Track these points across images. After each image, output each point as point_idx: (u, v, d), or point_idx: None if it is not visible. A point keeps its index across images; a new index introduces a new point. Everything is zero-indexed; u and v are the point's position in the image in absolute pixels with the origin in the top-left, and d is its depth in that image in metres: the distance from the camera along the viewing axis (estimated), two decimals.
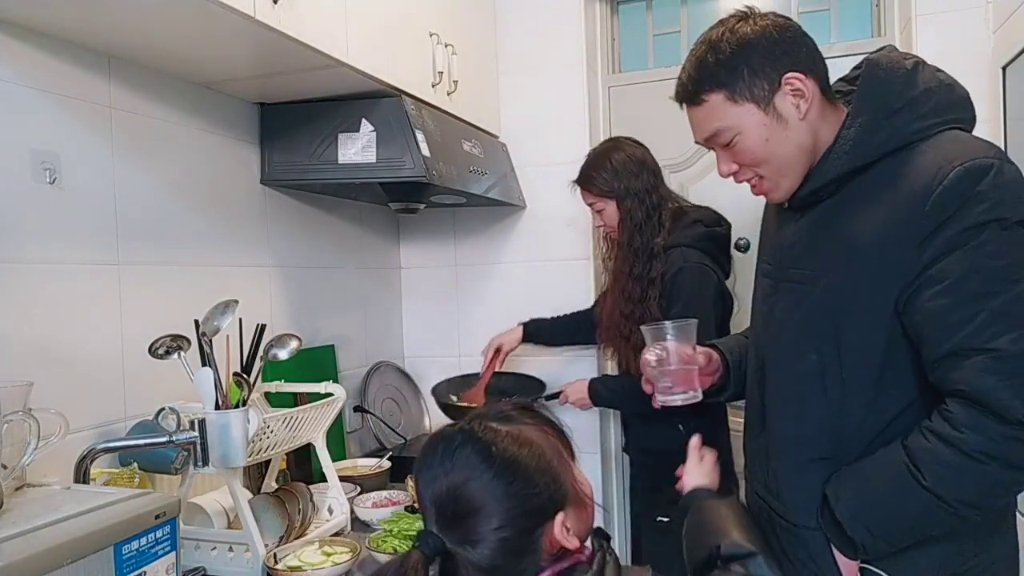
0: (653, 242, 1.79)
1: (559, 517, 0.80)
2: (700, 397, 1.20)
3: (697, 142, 1.13)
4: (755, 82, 1.03)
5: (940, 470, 0.93)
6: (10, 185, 1.22)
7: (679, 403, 1.19)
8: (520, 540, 0.79)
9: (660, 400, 1.21)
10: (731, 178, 1.13)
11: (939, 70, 1.04)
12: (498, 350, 2.10)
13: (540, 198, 2.33)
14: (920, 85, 1.01)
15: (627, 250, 1.82)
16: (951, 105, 1.02)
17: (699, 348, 1.24)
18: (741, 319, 1.53)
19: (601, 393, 1.90)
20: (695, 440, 1.17)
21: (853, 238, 1.02)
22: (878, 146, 1.01)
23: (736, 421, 1.75)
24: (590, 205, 1.90)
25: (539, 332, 2.13)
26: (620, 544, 2.34)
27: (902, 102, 1.00)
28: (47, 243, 1.28)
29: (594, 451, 2.29)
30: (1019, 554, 1.10)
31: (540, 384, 2.13)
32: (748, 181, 1.12)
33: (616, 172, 1.82)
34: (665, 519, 1.80)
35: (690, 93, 1.08)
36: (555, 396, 1.97)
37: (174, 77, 1.55)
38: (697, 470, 1.12)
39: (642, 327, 1.24)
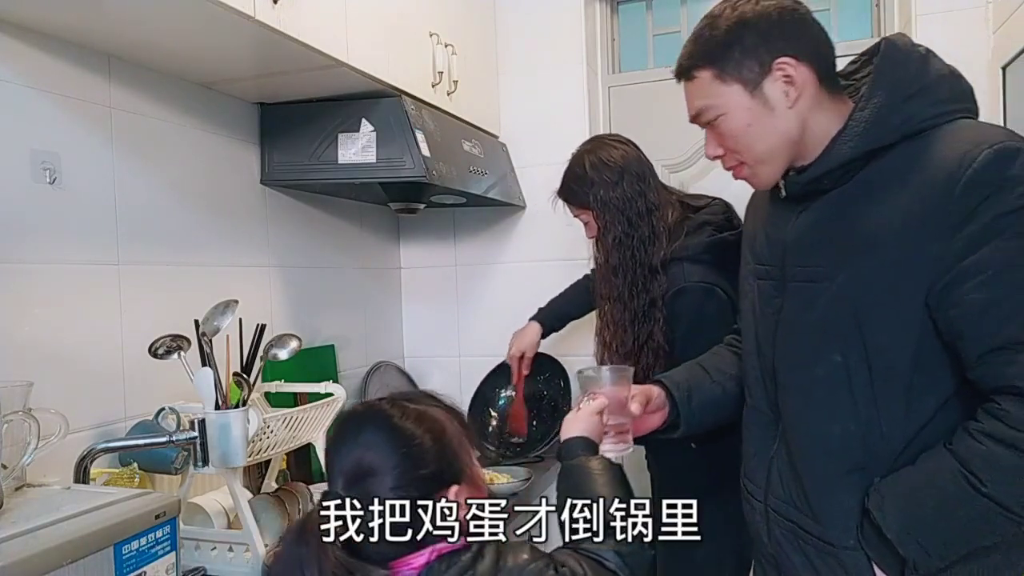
0: (651, 257, 1.57)
1: (454, 489, 0.85)
2: (631, 449, 1.15)
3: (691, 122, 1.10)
4: (745, 63, 0.99)
5: (1000, 475, 0.86)
6: (10, 185, 1.22)
7: (611, 456, 1.07)
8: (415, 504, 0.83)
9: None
10: (718, 162, 1.09)
11: (943, 62, 1.02)
12: (522, 357, 1.99)
13: (540, 198, 2.31)
14: (933, 72, 0.98)
15: (606, 269, 1.62)
16: (961, 95, 0.99)
17: (635, 389, 1.17)
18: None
19: None
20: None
21: (872, 229, 0.96)
22: (895, 129, 0.96)
23: None
24: (575, 216, 1.73)
25: (558, 319, 2.00)
26: None
27: (918, 86, 0.96)
28: (47, 243, 1.28)
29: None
30: None
31: (560, 368, 2.11)
32: (732, 168, 1.09)
33: (590, 182, 1.61)
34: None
35: (684, 68, 1.06)
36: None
37: (174, 77, 1.55)
38: (574, 416, 1.07)
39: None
